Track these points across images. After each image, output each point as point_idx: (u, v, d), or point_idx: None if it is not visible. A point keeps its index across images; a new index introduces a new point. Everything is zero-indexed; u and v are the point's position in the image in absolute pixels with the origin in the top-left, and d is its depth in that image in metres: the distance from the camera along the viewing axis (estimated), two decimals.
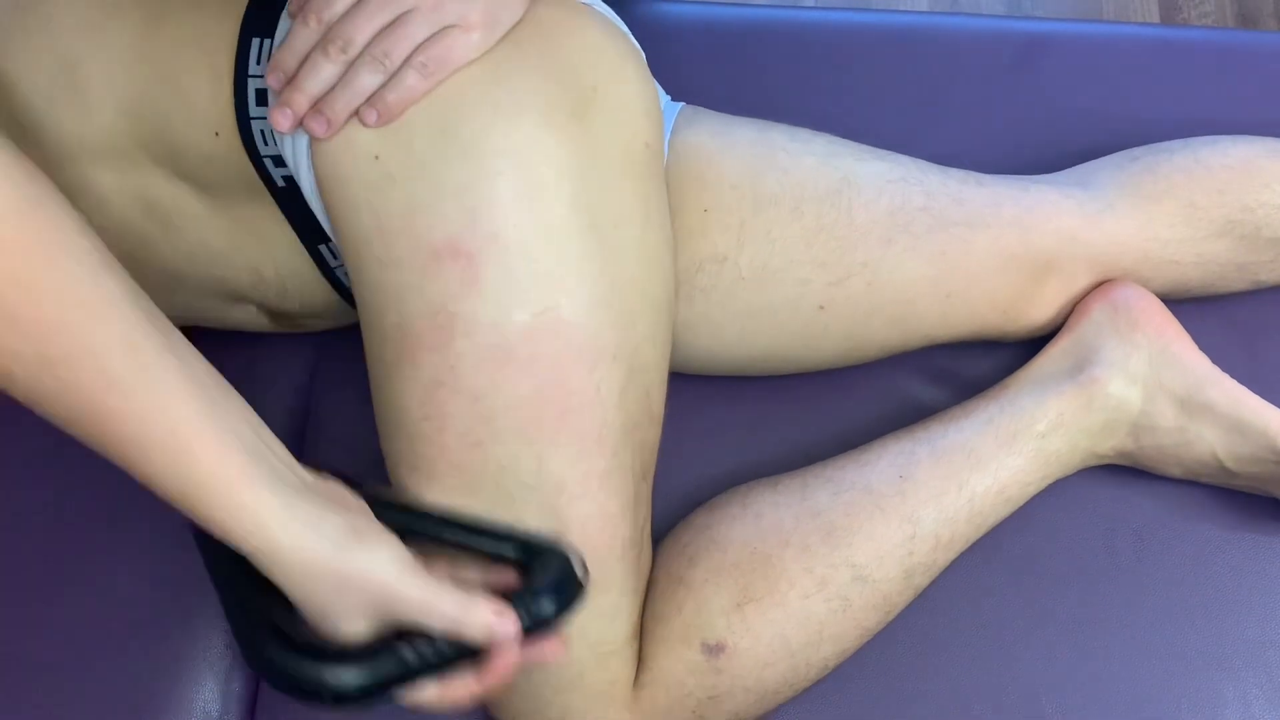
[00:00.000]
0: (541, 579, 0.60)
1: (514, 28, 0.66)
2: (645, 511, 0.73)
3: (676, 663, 0.72)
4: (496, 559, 0.63)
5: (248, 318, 0.80)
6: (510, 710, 0.73)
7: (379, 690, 0.57)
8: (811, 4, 1.43)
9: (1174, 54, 0.98)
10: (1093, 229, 0.81)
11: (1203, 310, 0.85)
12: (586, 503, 0.67)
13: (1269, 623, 0.80)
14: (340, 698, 0.56)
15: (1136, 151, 0.85)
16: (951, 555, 0.77)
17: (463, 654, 0.58)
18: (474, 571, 0.63)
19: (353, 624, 0.57)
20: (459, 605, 0.58)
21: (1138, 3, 1.53)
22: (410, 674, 0.57)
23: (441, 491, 0.67)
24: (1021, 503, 0.78)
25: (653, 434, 0.73)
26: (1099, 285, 0.82)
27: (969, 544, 0.77)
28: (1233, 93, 0.95)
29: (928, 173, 0.81)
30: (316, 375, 0.88)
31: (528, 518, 0.66)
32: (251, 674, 0.82)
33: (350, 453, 0.84)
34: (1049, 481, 0.79)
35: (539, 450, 0.66)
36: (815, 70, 0.97)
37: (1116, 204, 0.81)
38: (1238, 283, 0.85)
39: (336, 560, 0.56)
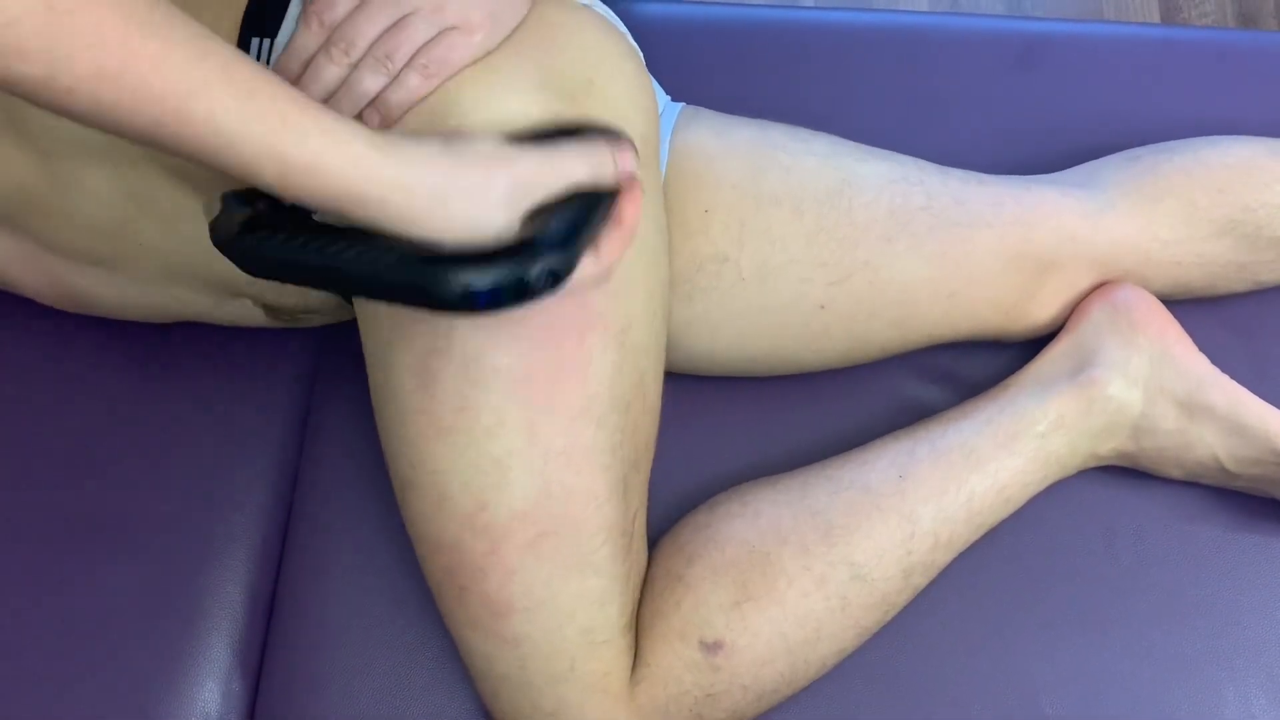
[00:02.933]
0: (589, 133, 0.61)
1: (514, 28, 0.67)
2: (638, 502, 0.73)
3: (674, 660, 0.72)
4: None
5: (244, 313, 0.80)
6: (506, 705, 0.72)
7: (575, 261, 0.56)
8: (811, 4, 1.43)
9: (1174, 54, 0.98)
10: (1094, 229, 0.81)
11: (1203, 310, 0.85)
12: (571, 475, 0.67)
13: (1269, 623, 0.80)
14: (558, 279, 0.55)
15: (1137, 151, 0.85)
16: (951, 555, 0.77)
17: (597, 206, 0.58)
18: None
19: (502, 224, 0.56)
20: (584, 151, 0.58)
21: (1138, 3, 1.53)
22: (585, 235, 0.57)
23: (431, 460, 0.67)
24: (1021, 503, 0.78)
25: (647, 423, 0.73)
26: (1099, 286, 0.82)
27: (968, 544, 0.77)
28: (1233, 93, 0.95)
29: (928, 172, 0.81)
30: (318, 373, 0.88)
31: (514, 485, 0.66)
32: (251, 674, 0.82)
33: (351, 449, 0.84)
34: (1049, 482, 0.79)
35: (527, 416, 0.66)
36: (815, 70, 0.97)
37: (1118, 204, 0.81)
38: (1239, 283, 0.85)
39: (465, 169, 0.55)
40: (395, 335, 0.67)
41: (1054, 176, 0.85)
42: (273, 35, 0.67)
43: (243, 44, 0.67)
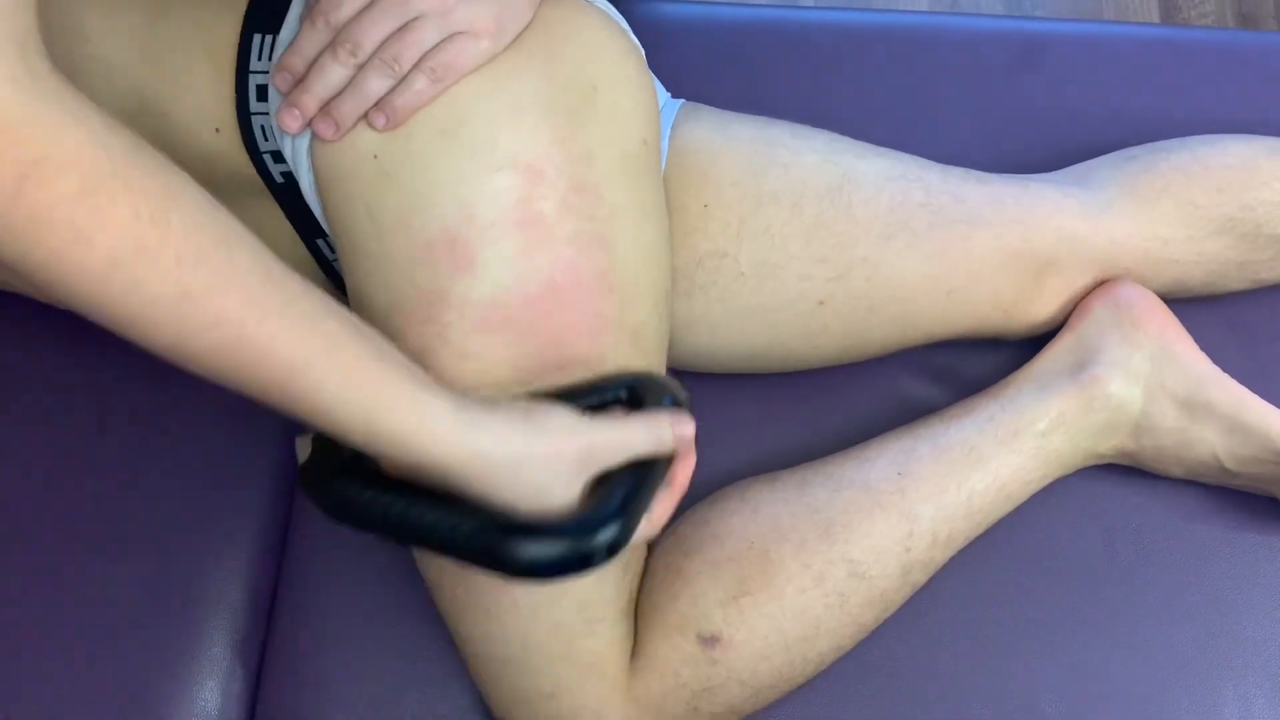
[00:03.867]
0: (657, 399, 0.65)
1: None
2: None
3: (672, 652, 0.72)
4: (605, 406, 0.65)
5: None
6: (506, 690, 0.73)
7: (633, 530, 0.59)
8: (811, 4, 1.43)
9: (1174, 54, 0.98)
10: (1093, 228, 0.81)
11: (1203, 310, 0.85)
12: None
13: (1269, 623, 0.80)
14: (616, 548, 0.58)
15: (1135, 151, 0.85)
16: (950, 553, 0.77)
17: (653, 475, 0.62)
18: None
19: (568, 491, 0.59)
20: (647, 425, 0.61)
21: (1138, 3, 1.53)
22: (641, 506, 0.60)
23: None
24: (1021, 501, 0.78)
25: None
26: (1100, 284, 0.82)
27: (968, 542, 0.77)
28: (1233, 93, 0.95)
29: (928, 170, 0.81)
30: None
31: None
32: (251, 674, 0.82)
33: None
34: (1049, 480, 0.79)
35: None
36: (815, 70, 0.97)
37: (1117, 203, 0.82)
38: (1238, 281, 0.85)
39: (539, 441, 0.58)
40: (389, 334, 0.66)
41: (1053, 176, 0.86)
42: (275, 31, 0.68)
43: (245, 41, 0.68)
